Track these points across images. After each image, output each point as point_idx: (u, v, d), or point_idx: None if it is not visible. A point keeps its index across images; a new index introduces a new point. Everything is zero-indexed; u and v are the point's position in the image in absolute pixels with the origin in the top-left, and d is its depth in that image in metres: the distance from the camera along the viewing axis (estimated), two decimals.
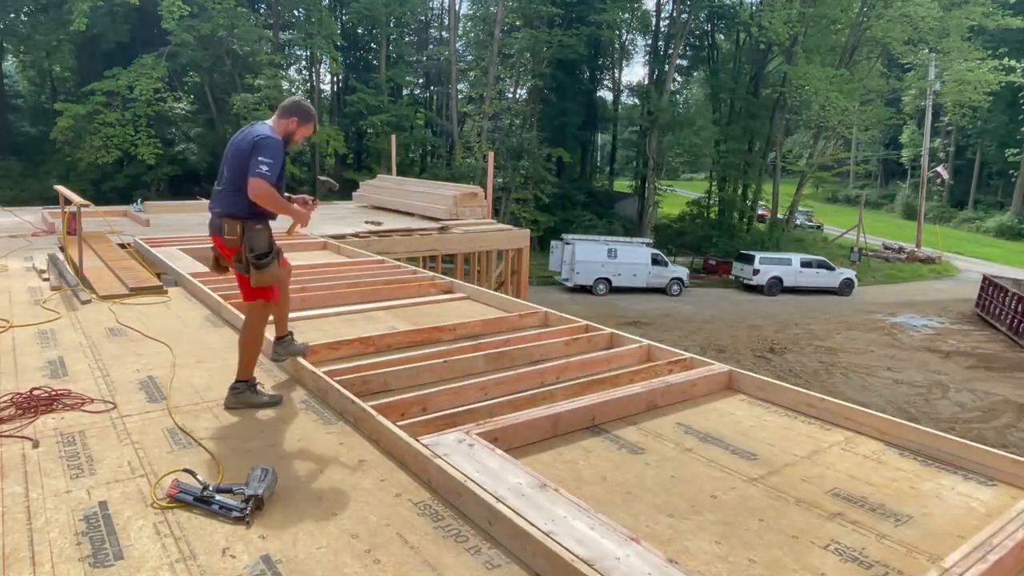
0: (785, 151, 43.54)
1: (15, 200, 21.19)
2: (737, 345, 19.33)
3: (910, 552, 2.69)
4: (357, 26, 38.32)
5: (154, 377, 4.36)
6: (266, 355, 4.37)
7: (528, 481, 2.91)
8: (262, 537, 2.61)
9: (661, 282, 27.30)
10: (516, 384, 4.37)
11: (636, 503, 3.04)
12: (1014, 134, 46.66)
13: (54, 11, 28.51)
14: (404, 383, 4.33)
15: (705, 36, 41.42)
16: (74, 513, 2.74)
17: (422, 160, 38.46)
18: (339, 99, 38.73)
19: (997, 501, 3.13)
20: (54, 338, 5.19)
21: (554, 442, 3.65)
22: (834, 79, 32.84)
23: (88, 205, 7.08)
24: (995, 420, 14.04)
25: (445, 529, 2.72)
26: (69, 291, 6.71)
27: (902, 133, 54.16)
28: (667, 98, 37.39)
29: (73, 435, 3.47)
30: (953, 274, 35.38)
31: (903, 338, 20.97)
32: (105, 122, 26.95)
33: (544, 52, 34.42)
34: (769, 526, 2.86)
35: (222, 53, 29.66)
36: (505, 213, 30.50)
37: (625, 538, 2.50)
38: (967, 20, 33.64)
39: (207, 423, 3.68)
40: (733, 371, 4.59)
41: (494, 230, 12.71)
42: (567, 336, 5.45)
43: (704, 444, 3.69)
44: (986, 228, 48.96)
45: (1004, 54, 34.84)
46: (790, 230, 38.46)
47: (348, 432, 3.62)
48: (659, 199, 38.36)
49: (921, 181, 44.10)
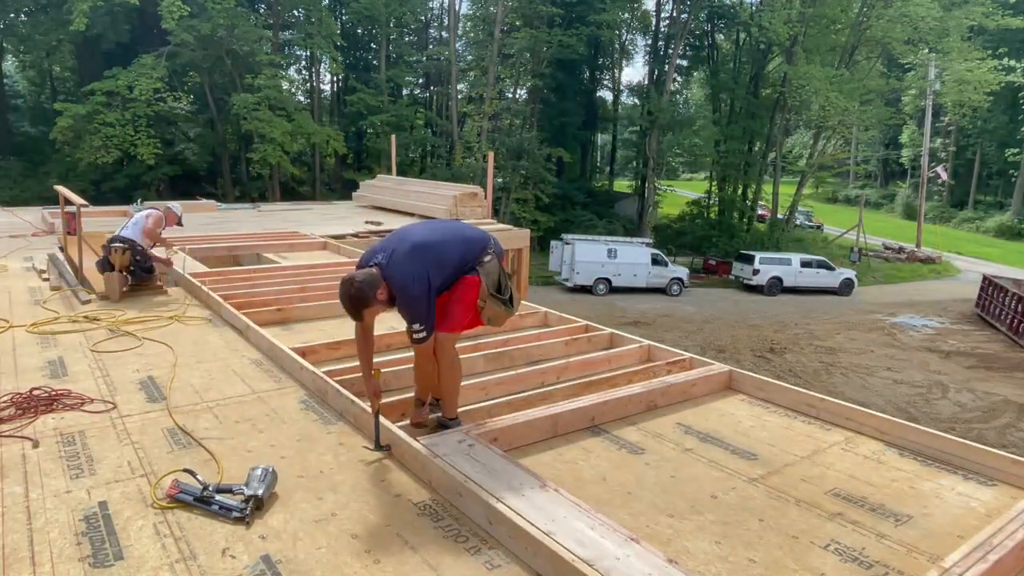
0: (785, 151, 43.55)
1: (15, 200, 21.21)
2: (737, 345, 19.32)
3: (910, 552, 2.69)
4: (357, 26, 38.30)
5: (154, 377, 4.36)
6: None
7: (528, 481, 2.91)
8: (262, 537, 2.61)
9: (661, 282, 27.31)
10: (516, 384, 4.38)
11: (636, 503, 3.04)
12: (1014, 134, 46.67)
13: (54, 11, 28.49)
14: (404, 383, 4.32)
15: (705, 36, 41.41)
16: (74, 513, 2.74)
17: (422, 160, 38.44)
18: (339, 99, 38.72)
19: (997, 501, 3.13)
20: (54, 338, 5.19)
21: (554, 442, 3.65)
22: (834, 79, 32.85)
23: (87, 205, 7.08)
24: (995, 420, 14.04)
25: (445, 529, 2.72)
26: (69, 291, 6.72)
27: (902, 133, 54.15)
28: (667, 98, 37.39)
29: (73, 435, 3.47)
30: (953, 274, 35.39)
31: (903, 338, 20.96)
32: (105, 122, 26.93)
33: (544, 52, 34.43)
34: (769, 526, 2.86)
35: (222, 53, 29.66)
36: (505, 213, 30.51)
37: (625, 538, 2.50)
38: (967, 20, 33.64)
39: (207, 423, 3.68)
40: (733, 371, 4.59)
41: (494, 230, 12.70)
42: (567, 336, 5.45)
43: (704, 444, 3.69)
44: (986, 228, 48.94)
45: (1004, 54, 34.84)
46: (790, 230, 38.46)
47: (348, 432, 3.62)
48: (659, 199, 38.37)
49: (921, 181, 44.11)
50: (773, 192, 38.20)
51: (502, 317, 3.52)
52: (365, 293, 3.14)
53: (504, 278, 3.45)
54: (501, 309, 3.46)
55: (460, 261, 3.35)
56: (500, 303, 3.43)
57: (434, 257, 3.26)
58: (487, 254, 3.41)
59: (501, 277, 3.44)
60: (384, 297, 3.20)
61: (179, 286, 7.12)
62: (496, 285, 3.41)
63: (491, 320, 3.51)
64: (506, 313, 3.50)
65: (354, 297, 3.15)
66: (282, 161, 29.66)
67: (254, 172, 31.28)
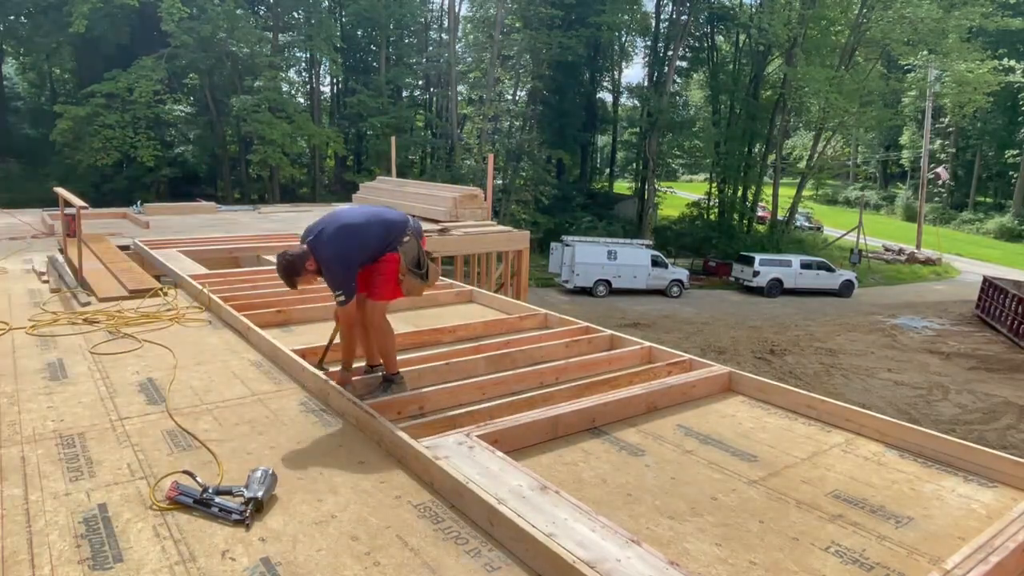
0: (785, 153, 43.54)
1: (14, 202, 21.12)
2: (737, 347, 19.31)
3: (911, 554, 2.68)
4: (357, 28, 38.32)
5: (154, 379, 4.36)
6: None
7: (529, 483, 2.90)
8: (262, 539, 2.61)
9: (661, 284, 27.30)
10: (516, 386, 4.37)
11: (636, 505, 3.03)
12: (1013, 135, 46.68)
13: (54, 13, 28.49)
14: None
15: (705, 37, 41.42)
16: (73, 515, 2.73)
17: (422, 162, 38.45)
18: (339, 101, 38.75)
19: (998, 503, 3.13)
20: (53, 340, 5.19)
21: (554, 444, 3.65)
22: (834, 80, 32.87)
23: (87, 207, 7.08)
24: (996, 422, 14.02)
25: (445, 531, 2.71)
26: (68, 293, 6.71)
27: (902, 135, 54.17)
28: (667, 100, 37.41)
29: (72, 437, 3.47)
30: (953, 276, 35.38)
31: (903, 340, 20.95)
32: (105, 124, 26.95)
33: (544, 54, 34.43)
34: (769, 528, 2.86)
35: (222, 55, 29.69)
36: (505, 215, 30.51)
37: (626, 540, 2.49)
38: (966, 21, 33.66)
39: (206, 425, 3.67)
40: (733, 373, 4.59)
41: (494, 232, 12.70)
42: (567, 338, 5.44)
43: (704, 446, 3.69)
44: (986, 229, 48.93)
45: (1004, 55, 34.86)
46: (790, 232, 38.46)
47: (348, 434, 3.62)
48: (659, 201, 38.37)
49: (921, 182, 44.13)
50: (773, 194, 38.20)
51: (418, 289, 4.06)
52: (296, 265, 3.72)
53: (422, 255, 3.97)
54: (418, 282, 3.98)
55: (382, 241, 3.85)
56: (417, 277, 3.95)
57: (358, 238, 3.80)
58: (406, 235, 3.91)
59: (420, 255, 3.95)
60: (313, 268, 3.75)
61: (179, 288, 7.11)
62: (415, 261, 3.92)
63: (409, 291, 4.03)
64: (422, 285, 4.04)
65: (286, 267, 3.74)
66: (282, 163, 29.67)
67: (254, 174, 31.31)
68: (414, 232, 3.97)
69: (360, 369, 4.24)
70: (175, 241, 9.60)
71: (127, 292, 6.67)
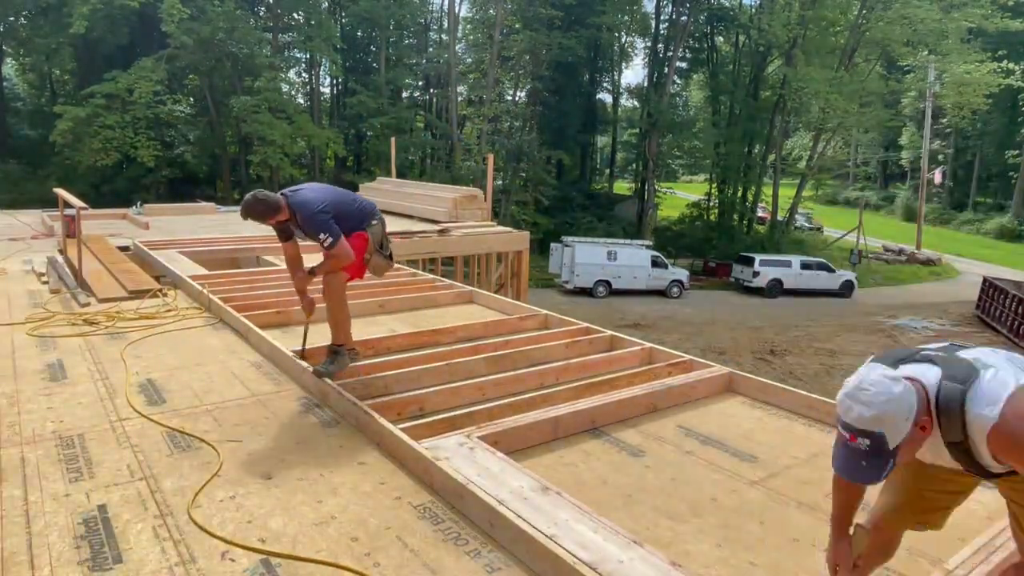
0: (785, 153, 43.55)
1: (14, 203, 21.15)
2: (737, 347, 19.31)
3: (912, 554, 2.68)
4: (357, 29, 38.30)
5: (153, 380, 4.35)
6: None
7: (530, 484, 2.90)
8: (261, 540, 2.61)
9: (661, 284, 27.29)
10: (517, 386, 4.37)
11: (637, 506, 3.03)
12: (1013, 136, 46.67)
13: (54, 14, 28.49)
14: (405, 386, 4.32)
15: (705, 38, 41.41)
16: (73, 517, 2.73)
17: (422, 163, 38.42)
18: (338, 101, 38.71)
19: (998, 503, 3.11)
20: (53, 341, 5.18)
21: (554, 445, 3.64)
22: (833, 81, 32.87)
23: (87, 208, 7.07)
24: None
25: (445, 532, 2.71)
26: (68, 294, 6.71)
27: (902, 135, 54.19)
28: (667, 100, 37.40)
29: (72, 438, 3.47)
30: (953, 276, 35.36)
31: (904, 340, 20.94)
32: (104, 125, 26.94)
33: (543, 55, 34.42)
34: (770, 529, 2.86)
35: (221, 56, 29.67)
36: (505, 215, 30.49)
37: (628, 541, 2.49)
38: (966, 22, 33.67)
39: (206, 426, 3.67)
40: (733, 373, 4.59)
41: (494, 232, 12.70)
42: (567, 339, 5.44)
43: (704, 447, 3.68)
44: (986, 230, 48.94)
45: (1003, 56, 34.86)
46: (790, 232, 38.45)
47: (349, 435, 3.61)
48: (659, 201, 38.35)
49: (921, 183, 44.13)
50: (773, 194, 38.20)
51: (383, 268, 4.43)
52: (269, 202, 3.87)
53: (386, 241, 4.37)
54: (384, 262, 4.38)
55: (355, 219, 4.14)
56: (383, 257, 4.35)
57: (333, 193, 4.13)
58: (374, 219, 4.26)
59: (384, 240, 4.34)
60: (284, 218, 3.95)
61: (179, 288, 7.11)
62: (379, 244, 4.30)
63: (374, 270, 4.37)
64: (387, 265, 4.43)
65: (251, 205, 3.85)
66: (282, 164, 29.66)
67: (254, 175, 31.26)
68: (380, 220, 4.33)
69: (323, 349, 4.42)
70: (175, 242, 9.60)
71: (127, 293, 6.66)
